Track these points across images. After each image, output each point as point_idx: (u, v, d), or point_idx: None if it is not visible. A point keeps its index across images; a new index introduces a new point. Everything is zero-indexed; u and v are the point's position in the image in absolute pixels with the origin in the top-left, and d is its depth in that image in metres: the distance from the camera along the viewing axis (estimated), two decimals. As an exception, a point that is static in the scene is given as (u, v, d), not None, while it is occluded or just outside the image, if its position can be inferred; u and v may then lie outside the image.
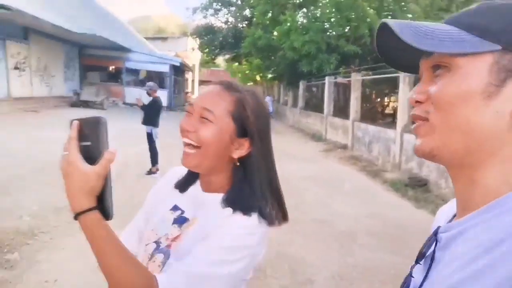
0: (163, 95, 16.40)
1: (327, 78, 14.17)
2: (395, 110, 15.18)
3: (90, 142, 0.72)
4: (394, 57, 0.63)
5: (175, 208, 0.97)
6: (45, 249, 3.55)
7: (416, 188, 6.76)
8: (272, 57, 18.15)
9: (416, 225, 4.85)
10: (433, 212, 3.69)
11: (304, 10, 17.52)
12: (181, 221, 0.93)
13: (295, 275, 3.40)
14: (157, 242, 0.94)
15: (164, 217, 0.96)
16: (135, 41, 25.03)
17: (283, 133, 16.54)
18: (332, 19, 14.39)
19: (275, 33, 16.40)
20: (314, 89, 18.76)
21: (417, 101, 0.57)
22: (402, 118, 8.25)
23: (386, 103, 16.86)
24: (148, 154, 6.94)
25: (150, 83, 7.07)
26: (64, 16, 15.53)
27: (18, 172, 5.71)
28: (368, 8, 12.85)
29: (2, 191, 4.83)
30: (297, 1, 17.33)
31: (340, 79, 14.00)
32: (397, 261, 3.66)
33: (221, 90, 0.90)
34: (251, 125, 0.91)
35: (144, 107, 6.89)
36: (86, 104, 18.54)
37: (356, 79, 11.42)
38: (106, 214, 0.73)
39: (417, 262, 0.62)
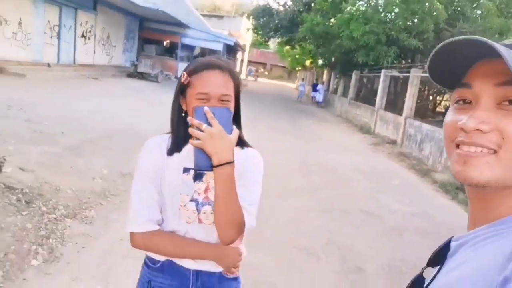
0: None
1: (383, 71, 13.85)
2: (446, 108, 14.56)
3: (218, 121, 1.05)
4: (441, 71, 0.62)
5: (186, 170, 1.20)
6: (116, 210, 3.91)
7: (468, 192, 6.61)
8: (327, 44, 17.88)
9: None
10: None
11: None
12: (200, 176, 1.20)
13: (345, 262, 3.55)
14: (194, 200, 1.21)
15: (183, 180, 1.19)
16: (193, 17, 25.47)
17: (331, 122, 16.45)
18: (396, 10, 13.90)
19: (333, 20, 16.12)
20: (364, 79, 18.38)
21: (478, 130, 0.55)
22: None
23: (438, 101, 16.28)
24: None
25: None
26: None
27: (88, 136, 6.19)
28: (437, 2, 12.28)
29: (77, 153, 5.28)
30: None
31: (397, 73, 13.63)
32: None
33: (224, 75, 1.14)
34: (240, 90, 1.22)
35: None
36: (141, 76, 19.28)
37: (416, 75, 11.10)
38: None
39: (428, 265, 0.65)
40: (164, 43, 24.79)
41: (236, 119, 1.24)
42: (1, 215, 3.08)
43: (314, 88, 24.85)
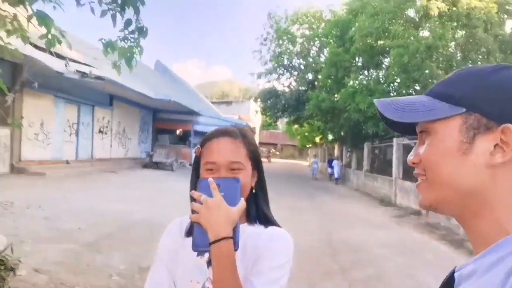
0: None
1: (395, 140, 13.86)
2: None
3: (223, 193, 0.94)
4: (397, 126, 0.71)
5: (201, 252, 1.05)
6: (135, 309, 3.64)
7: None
8: (335, 119, 18.27)
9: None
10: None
11: (367, 72, 17.79)
12: None
13: None
14: None
15: (196, 264, 1.03)
16: (203, 105, 26.66)
17: (350, 197, 16.10)
18: (398, 80, 14.38)
19: (338, 95, 16.67)
20: (377, 150, 18.35)
21: (414, 162, 0.66)
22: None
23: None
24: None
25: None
26: (144, 84, 17.13)
27: (106, 231, 6.06)
28: (436, 68, 12.71)
29: (94, 249, 5.11)
30: (360, 64, 17.66)
31: (409, 141, 13.61)
32: None
33: (233, 141, 1.06)
34: (259, 158, 1.12)
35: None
36: (156, 166, 19.62)
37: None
38: (235, 245, 0.91)
39: None
40: (177, 132, 25.63)
41: (261, 190, 1.14)
42: (14, 326, 2.85)
43: (330, 164, 23.95)
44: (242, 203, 0.95)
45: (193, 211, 0.93)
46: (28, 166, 12.03)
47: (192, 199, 0.98)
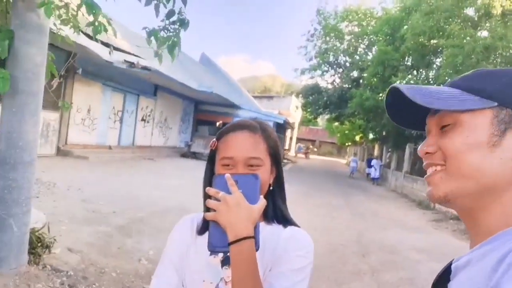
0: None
1: (439, 142, 13.26)
2: None
3: (241, 190, 0.88)
4: (401, 117, 0.74)
5: (214, 252, 0.98)
6: (159, 295, 3.72)
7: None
8: (378, 118, 17.74)
9: None
10: None
11: (416, 72, 17.12)
12: (229, 260, 0.91)
13: None
14: None
15: (209, 264, 0.97)
16: (244, 98, 26.79)
17: (386, 198, 15.63)
18: (446, 78, 13.70)
19: (382, 95, 16.15)
20: (418, 153, 17.60)
21: (427, 153, 0.67)
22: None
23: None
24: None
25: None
26: (188, 75, 17.47)
27: (139, 216, 6.24)
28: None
29: (126, 233, 5.28)
30: (409, 63, 17.02)
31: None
32: None
33: (252, 135, 0.99)
34: (278, 154, 1.05)
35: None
36: (194, 155, 20.00)
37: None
38: (256, 244, 0.85)
39: None
40: (217, 124, 25.98)
41: (278, 188, 1.07)
42: (42, 300, 3.00)
43: (369, 163, 22.98)
44: (262, 201, 0.89)
45: (209, 209, 0.88)
46: (73, 149, 12.64)
47: (207, 197, 0.92)
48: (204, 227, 1.03)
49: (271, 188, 1.03)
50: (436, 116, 0.67)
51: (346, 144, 47.98)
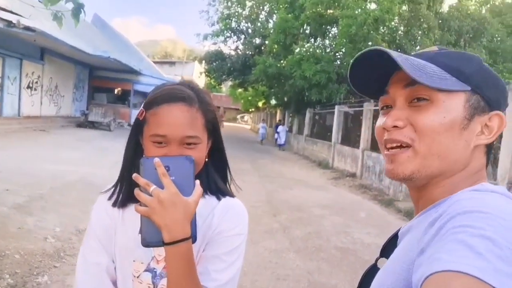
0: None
1: (337, 107, 14.33)
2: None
3: (174, 177, 0.79)
4: (362, 84, 0.72)
5: None
6: (73, 271, 3.49)
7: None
8: (281, 85, 18.39)
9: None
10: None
11: (313, 40, 17.94)
12: None
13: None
14: (151, 269, 0.92)
15: (138, 243, 0.84)
16: (144, 64, 25.40)
17: (289, 160, 16.56)
18: (343, 50, 14.66)
19: (285, 61, 16.70)
20: (317, 116, 18.85)
21: (394, 126, 0.64)
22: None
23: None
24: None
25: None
26: (80, 38, 15.84)
27: (38, 192, 5.68)
28: (381, 40, 13.11)
29: (25, 211, 4.79)
30: (308, 32, 17.72)
31: (349, 109, 14.15)
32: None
33: (189, 109, 0.87)
34: (218, 127, 0.96)
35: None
36: (92, 125, 18.62)
37: (368, 109, 11.55)
38: (193, 239, 0.80)
39: (381, 255, 0.73)
40: (116, 91, 24.36)
41: (220, 161, 1.02)
42: None
43: (276, 129, 22.62)
44: (198, 190, 0.81)
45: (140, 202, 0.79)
46: None
47: (130, 174, 0.83)
48: (126, 198, 0.95)
49: (206, 160, 0.95)
50: (408, 89, 0.64)
51: (250, 110, 49.05)
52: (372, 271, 0.71)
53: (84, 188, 6.37)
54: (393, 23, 14.42)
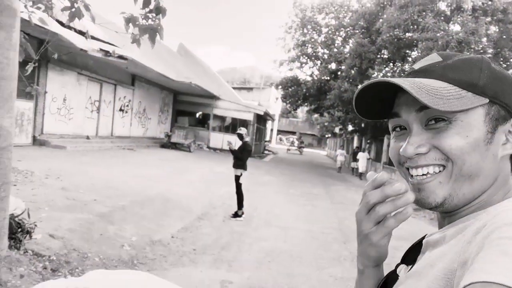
0: (246, 142, 16.96)
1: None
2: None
3: None
4: (367, 109, 0.69)
5: None
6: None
7: None
8: (357, 110, 17.98)
9: None
10: None
11: (392, 64, 17.41)
12: None
13: None
14: None
15: None
16: (224, 89, 26.65)
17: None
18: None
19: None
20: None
21: (417, 154, 0.61)
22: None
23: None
24: (234, 197, 7.05)
25: (243, 129, 7.39)
26: (166, 66, 17.23)
27: (120, 204, 6.16)
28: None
29: (108, 220, 5.22)
30: (386, 56, 17.28)
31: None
32: None
33: None
34: None
35: (235, 151, 7.15)
36: (174, 146, 19.85)
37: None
38: None
39: (402, 262, 0.71)
40: (197, 115, 25.79)
41: None
42: (25, 283, 2.94)
43: (355, 156, 20.27)
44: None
45: None
46: (50, 139, 12.31)
47: None
48: None
49: None
50: (423, 112, 0.61)
51: (326, 136, 48.55)
52: (392, 278, 0.69)
53: (161, 203, 6.77)
54: (480, 45, 13.46)
